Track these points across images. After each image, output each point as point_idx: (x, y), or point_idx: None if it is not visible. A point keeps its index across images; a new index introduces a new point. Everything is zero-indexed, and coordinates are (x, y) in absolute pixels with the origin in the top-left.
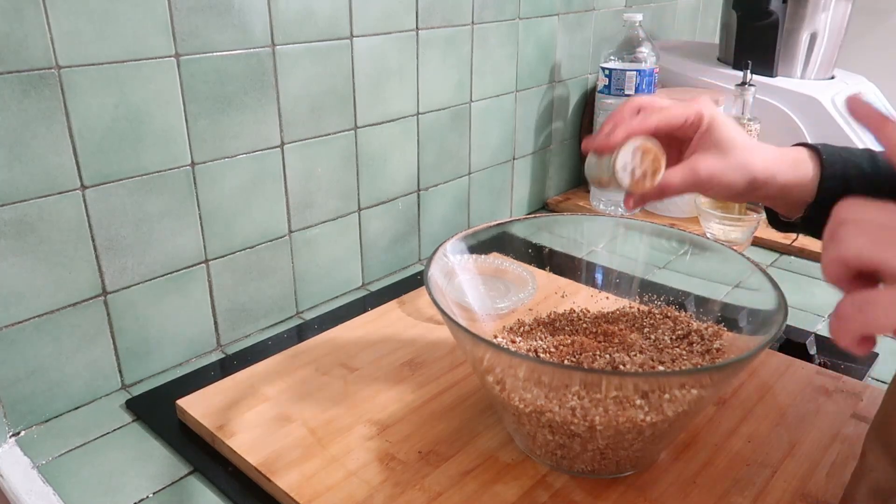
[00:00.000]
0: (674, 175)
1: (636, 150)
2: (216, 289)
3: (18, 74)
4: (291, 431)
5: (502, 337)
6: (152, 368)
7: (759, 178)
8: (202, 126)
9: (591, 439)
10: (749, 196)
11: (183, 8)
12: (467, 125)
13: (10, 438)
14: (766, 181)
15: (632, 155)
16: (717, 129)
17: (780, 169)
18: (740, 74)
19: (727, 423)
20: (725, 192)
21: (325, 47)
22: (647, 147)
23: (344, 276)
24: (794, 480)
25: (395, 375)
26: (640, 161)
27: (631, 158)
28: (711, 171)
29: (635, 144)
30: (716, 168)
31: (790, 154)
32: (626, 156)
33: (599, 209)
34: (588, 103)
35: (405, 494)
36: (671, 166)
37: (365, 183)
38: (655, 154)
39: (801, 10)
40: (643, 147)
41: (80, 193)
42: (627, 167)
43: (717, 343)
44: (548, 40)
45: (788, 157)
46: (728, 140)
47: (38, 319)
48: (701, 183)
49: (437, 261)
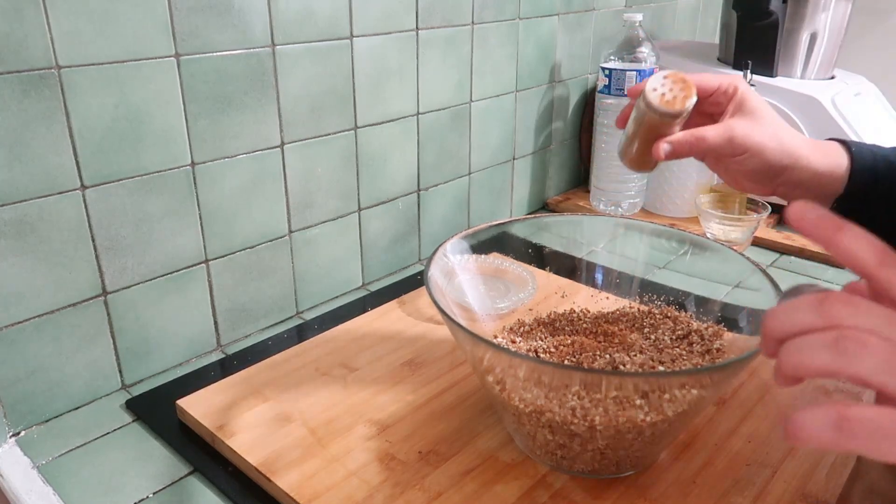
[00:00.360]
0: (709, 130)
1: (667, 77)
2: (216, 289)
3: (18, 74)
4: (291, 431)
5: (502, 337)
6: (152, 368)
7: (793, 155)
8: (202, 126)
9: (591, 439)
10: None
11: (183, 8)
12: (467, 125)
13: (10, 438)
14: (796, 161)
15: (662, 81)
16: (752, 100)
17: (813, 153)
18: (740, 74)
19: (727, 423)
20: (758, 160)
21: (325, 47)
22: (677, 75)
23: (344, 276)
24: (794, 480)
25: (395, 375)
26: (671, 87)
27: (661, 84)
28: (747, 133)
29: (667, 72)
30: (752, 132)
31: (820, 143)
32: (657, 80)
33: (599, 209)
34: (588, 103)
35: (405, 494)
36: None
37: (365, 183)
38: (686, 81)
39: (801, 10)
40: (673, 75)
41: (80, 193)
42: (657, 90)
43: (718, 343)
44: (548, 40)
45: (820, 145)
46: (764, 112)
47: (38, 319)
48: (736, 143)
49: (437, 261)
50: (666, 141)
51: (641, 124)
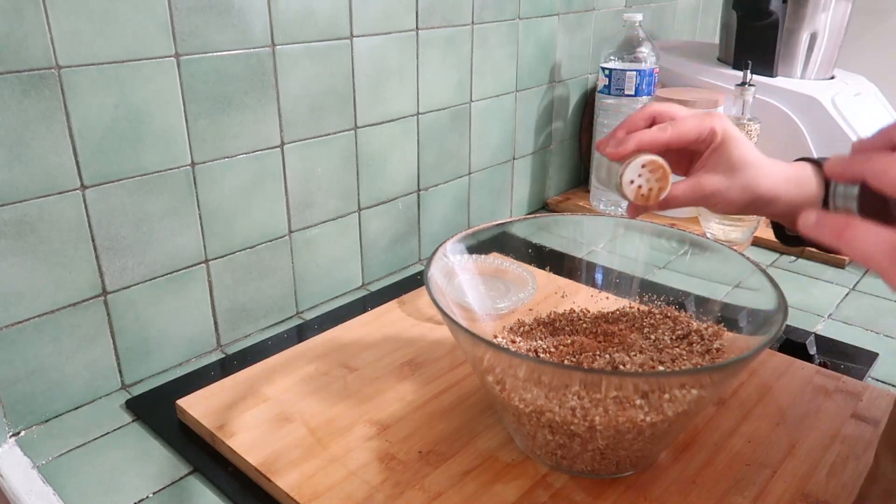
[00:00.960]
0: (679, 189)
1: (644, 166)
2: (216, 289)
3: (18, 74)
4: (291, 431)
5: (502, 337)
6: (152, 368)
7: (764, 198)
8: (202, 126)
9: (591, 439)
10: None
11: (183, 8)
12: (467, 125)
13: (10, 438)
14: (770, 201)
15: (639, 171)
16: (729, 147)
17: (786, 189)
18: (740, 74)
19: (727, 423)
20: (728, 208)
21: (325, 47)
22: (655, 164)
23: (344, 276)
24: (794, 480)
25: (395, 375)
26: (648, 177)
27: (638, 175)
28: (716, 189)
29: (644, 160)
30: (721, 186)
31: (796, 172)
32: (634, 172)
33: (599, 209)
34: (588, 103)
35: (405, 494)
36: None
37: (365, 183)
38: (663, 171)
39: (801, 10)
40: (651, 164)
41: (80, 193)
42: (634, 182)
43: (717, 343)
44: (548, 40)
45: (794, 176)
46: (738, 159)
47: (38, 319)
48: (705, 199)
49: (437, 261)
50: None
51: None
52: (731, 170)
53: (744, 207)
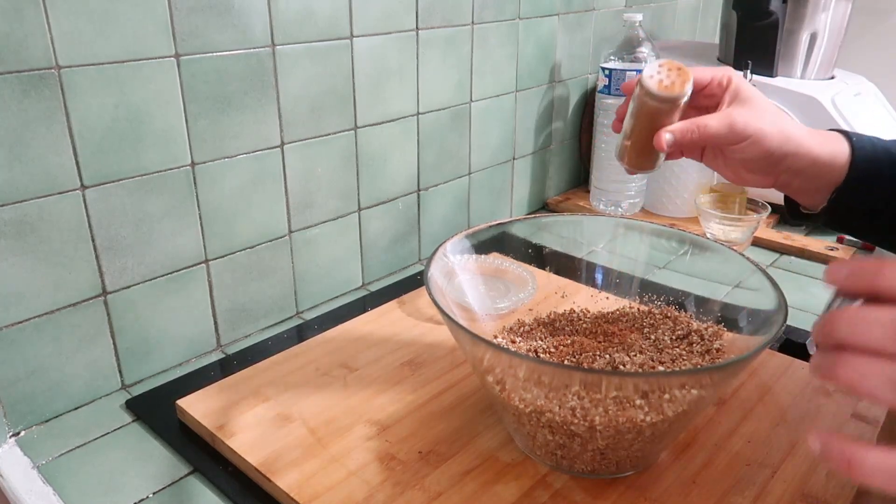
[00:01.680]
0: (709, 118)
1: (661, 66)
2: (216, 289)
3: (18, 74)
4: (291, 431)
5: (502, 337)
6: (152, 368)
7: (793, 141)
8: (202, 126)
9: (591, 439)
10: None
11: (183, 8)
12: (467, 125)
13: (10, 438)
14: (797, 148)
15: (657, 69)
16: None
17: (813, 140)
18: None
19: (727, 423)
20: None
21: (325, 47)
22: (672, 63)
23: (344, 276)
24: (794, 480)
25: (395, 375)
26: (667, 73)
27: (657, 71)
28: (747, 120)
29: (661, 61)
30: (752, 118)
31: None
32: (653, 68)
33: (599, 209)
34: (588, 103)
35: (405, 494)
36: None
37: (365, 183)
38: (682, 68)
39: (801, 10)
40: (668, 63)
41: (80, 193)
42: (654, 76)
43: (717, 343)
44: (548, 40)
45: (818, 133)
46: (760, 100)
47: (38, 319)
48: (737, 129)
49: (437, 261)
50: (667, 130)
51: (640, 117)
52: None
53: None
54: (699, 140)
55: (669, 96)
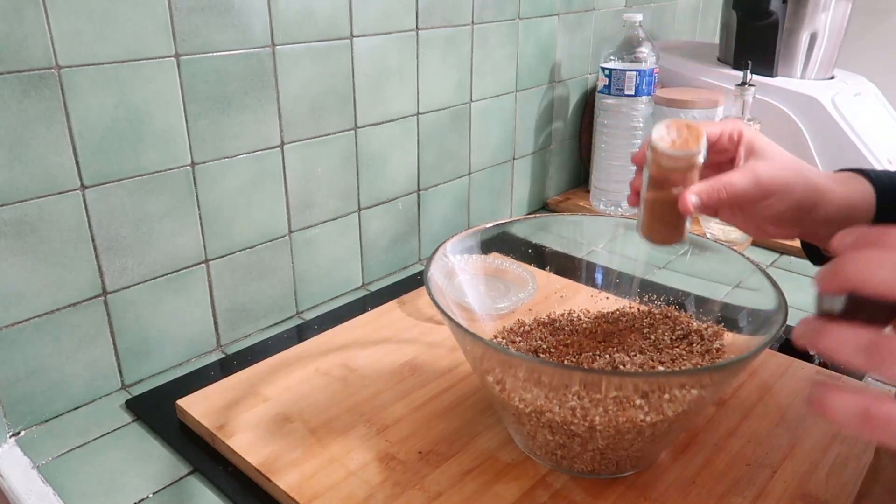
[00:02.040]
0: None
1: (669, 126)
2: (216, 289)
3: (18, 74)
4: (291, 431)
5: (502, 337)
6: (152, 368)
7: (819, 189)
8: (202, 126)
9: (591, 439)
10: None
11: (183, 8)
12: (467, 125)
13: (10, 438)
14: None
15: (666, 130)
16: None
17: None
18: (740, 74)
19: (727, 423)
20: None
21: (325, 47)
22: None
23: (344, 276)
24: (794, 480)
25: (395, 375)
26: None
27: (666, 132)
28: (772, 174)
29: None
30: (776, 171)
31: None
32: (661, 130)
33: (599, 209)
34: (588, 103)
35: (405, 494)
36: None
37: (365, 183)
38: (690, 125)
39: (801, 10)
40: (675, 122)
41: (80, 193)
42: (665, 137)
43: (717, 343)
44: (548, 40)
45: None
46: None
47: (38, 319)
48: (763, 184)
49: (437, 261)
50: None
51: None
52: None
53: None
54: (727, 200)
55: (686, 154)
